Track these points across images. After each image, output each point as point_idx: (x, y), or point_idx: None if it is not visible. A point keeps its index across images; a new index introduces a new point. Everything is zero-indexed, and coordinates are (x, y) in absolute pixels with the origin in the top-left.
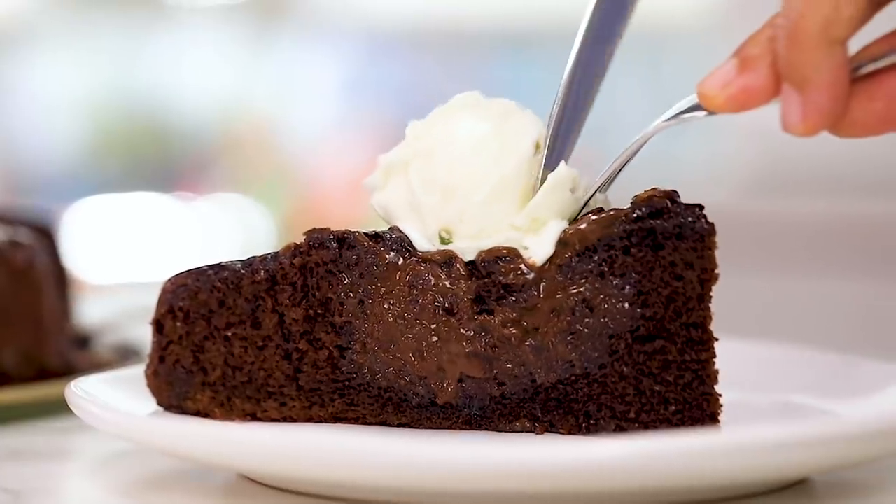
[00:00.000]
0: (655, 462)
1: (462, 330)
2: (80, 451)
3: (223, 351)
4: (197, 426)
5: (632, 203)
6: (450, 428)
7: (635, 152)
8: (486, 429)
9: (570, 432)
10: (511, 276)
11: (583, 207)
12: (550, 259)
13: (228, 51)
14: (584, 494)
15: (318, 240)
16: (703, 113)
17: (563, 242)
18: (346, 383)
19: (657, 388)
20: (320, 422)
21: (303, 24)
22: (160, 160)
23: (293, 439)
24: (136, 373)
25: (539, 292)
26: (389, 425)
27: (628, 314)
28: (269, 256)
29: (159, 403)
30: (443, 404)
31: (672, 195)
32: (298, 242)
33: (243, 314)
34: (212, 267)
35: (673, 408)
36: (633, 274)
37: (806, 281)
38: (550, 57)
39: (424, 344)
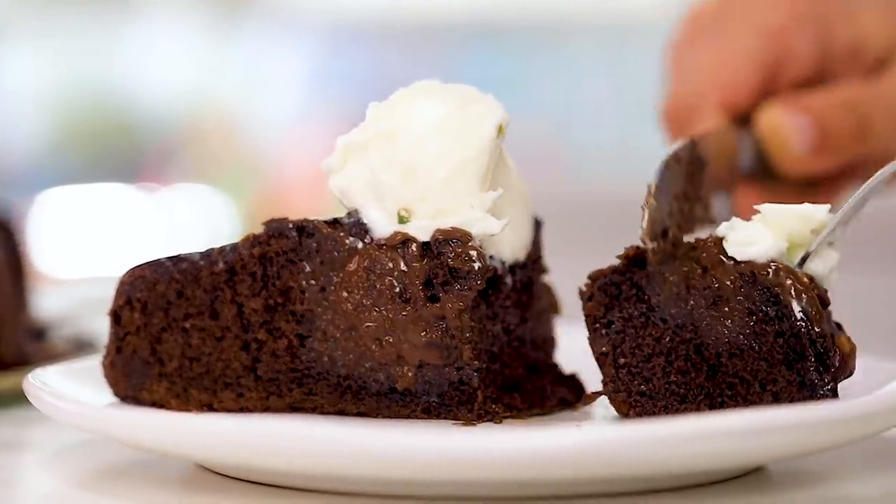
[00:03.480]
0: (611, 450)
1: (419, 319)
2: (37, 442)
3: (181, 342)
4: (154, 416)
5: None
6: (408, 417)
7: (874, 190)
8: (445, 417)
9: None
10: (459, 260)
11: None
12: None
13: (193, 42)
14: (540, 482)
15: (277, 229)
16: None
17: None
18: (305, 372)
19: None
20: (277, 412)
21: (267, 16)
22: (124, 151)
23: (250, 429)
24: (93, 364)
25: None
26: (347, 414)
27: None
28: (228, 247)
29: (116, 394)
30: (402, 391)
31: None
32: (257, 233)
33: (202, 305)
34: (170, 258)
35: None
36: None
37: None
38: (514, 49)
39: (384, 331)
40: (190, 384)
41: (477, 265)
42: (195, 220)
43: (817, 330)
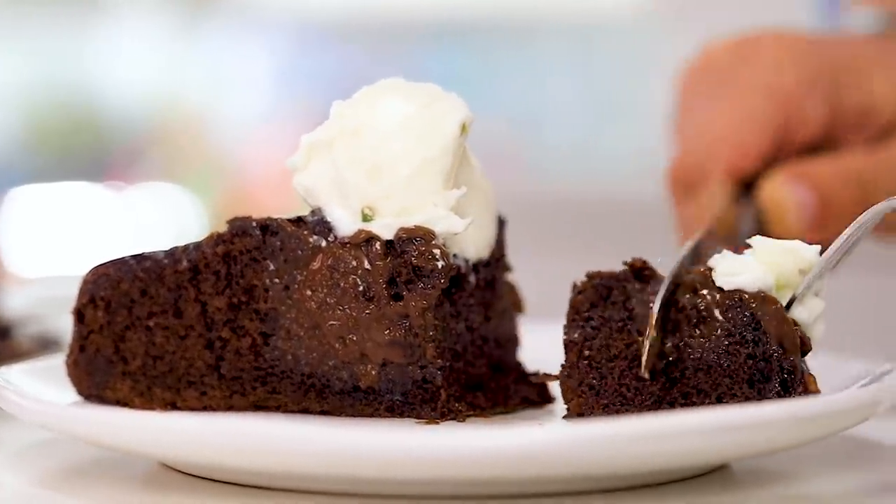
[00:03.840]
0: (574, 449)
1: (383, 317)
2: (1, 440)
3: (144, 340)
4: (117, 415)
5: None
6: (372, 415)
7: (860, 235)
8: (409, 415)
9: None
10: (422, 258)
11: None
12: None
13: (160, 41)
14: (503, 481)
15: (240, 228)
16: None
17: None
18: (269, 371)
19: None
20: (241, 410)
21: (233, 15)
22: (92, 150)
23: (213, 427)
24: (57, 362)
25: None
26: (311, 413)
27: None
28: (192, 246)
29: (79, 393)
30: (365, 389)
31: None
32: (221, 231)
33: (165, 304)
34: (134, 257)
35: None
36: None
37: None
38: (479, 48)
39: (347, 329)
40: (153, 383)
41: (440, 264)
42: (162, 219)
43: (789, 360)
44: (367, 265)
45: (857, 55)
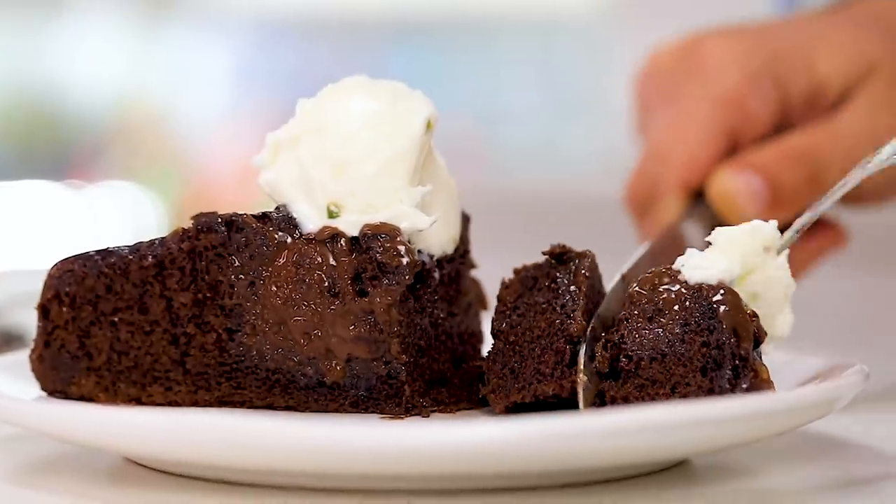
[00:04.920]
0: (536, 444)
1: (348, 313)
2: None
3: (109, 336)
4: (82, 410)
5: None
6: (336, 410)
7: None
8: (373, 411)
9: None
10: (387, 255)
11: None
12: None
13: (119, 39)
14: (466, 476)
15: (206, 223)
16: None
17: None
18: (234, 366)
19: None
20: (206, 406)
21: (194, 12)
22: (52, 148)
23: (177, 423)
24: (21, 358)
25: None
26: (276, 408)
27: None
28: (157, 241)
29: (43, 388)
30: (330, 385)
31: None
32: (186, 227)
33: (130, 299)
34: (99, 252)
35: None
36: None
37: None
38: (441, 46)
39: (312, 325)
40: (118, 378)
41: (405, 260)
42: (123, 217)
43: (742, 348)
44: (332, 261)
45: (798, 38)
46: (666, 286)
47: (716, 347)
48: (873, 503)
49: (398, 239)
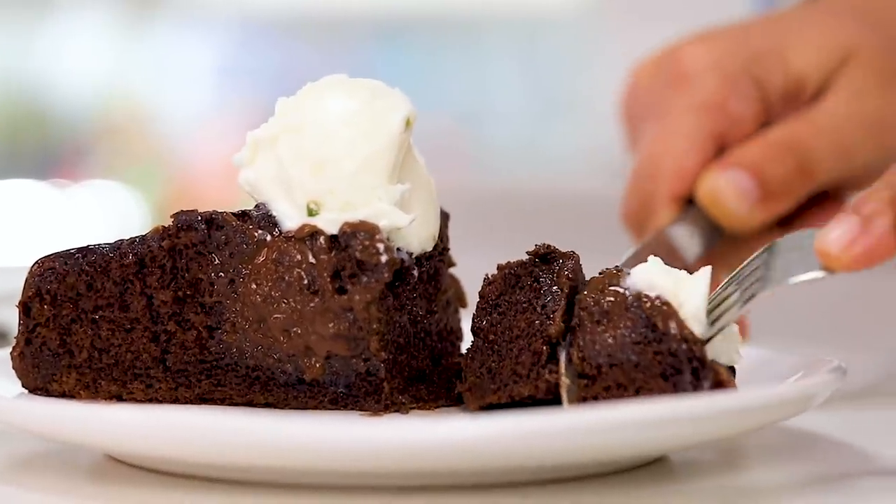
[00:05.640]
0: (514, 441)
1: (327, 311)
2: None
3: (90, 333)
4: (63, 407)
5: None
6: (316, 407)
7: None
8: (352, 408)
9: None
10: (366, 253)
11: None
12: None
13: (104, 37)
14: (445, 472)
15: (186, 221)
16: (820, 274)
17: None
18: (214, 363)
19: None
20: (186, 403)
21: (178, 10)
22: (34, 147)
23: (158, 419)
24: (3, 355)
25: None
26: (256, 405)
27: None
28: (138, 239)
29: (24, 386)
30: (310, 382)
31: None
32: (167, 225)
33: (111, 297)
34: (80, 250)
35: None
36: None
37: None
38: (424, 44)
39: (292, 322)
40: (99, 375)
41: (384, 258)
42: (107, 216)
43: (696, 351)
44: (311, 259)
45: (772, 35)
46: (613, 288)
47: (670, 355)
48: (851, 499)
49: (377, 237)
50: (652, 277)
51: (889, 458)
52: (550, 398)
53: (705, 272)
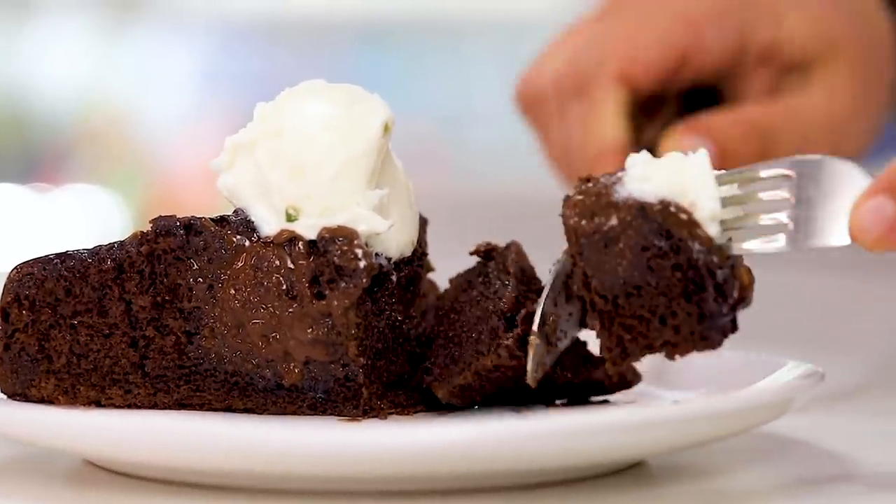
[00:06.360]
0: (494, 446)
1: (305, 316)
2: None
3: (69, 339)
4: (41, 412)
5: None
6: (295, 413)
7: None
8: (331, 413)
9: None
10: (344, 258)
11: None
12: None
13: (84, 42)
14: (424, 477)
15: (164, 227)
16: (849, 242)
17: None
18: (193, 369)
19: None
20: (165, 408)
21: (158, 15)
22: (15, 151)
23: (137, 425)
24: None
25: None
26: (235, 410)
27: None
28: (117, 245)
29: (3, 391)
30: (289, 387)
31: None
32: (145, 230)
33: (90, 302)
34: (58, 255)
35: None
36: None
37: None
38: (405, 48)
39: (271, 328)
40: (78, 381)
41: (362, 263)
42: (87, 220)
43: (716, 259)
44: (290, 264)
45: None
46: (605, 210)
47: (690, 267)
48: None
49: (355, 242)
50: (649, 179)
51: (866, 463)
52: (515, 365)
53: (702, 160)
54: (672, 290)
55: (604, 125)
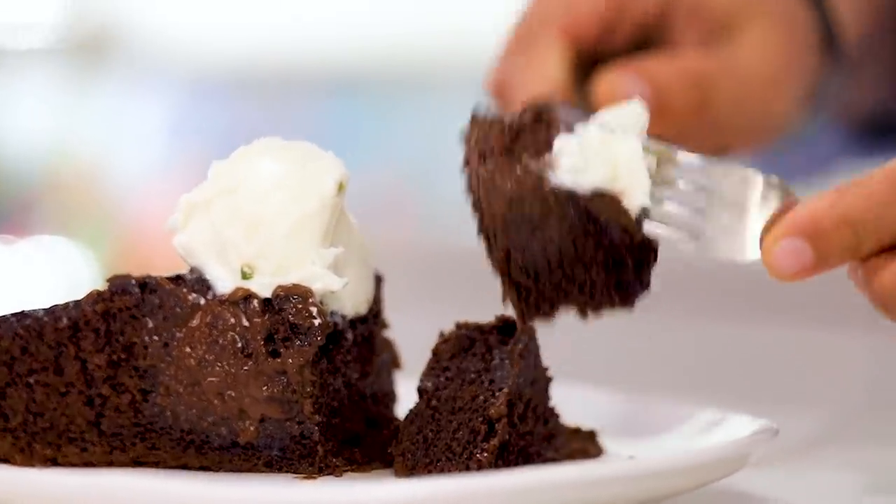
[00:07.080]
0: (447, 502)
1: (261, 374)
2: None
3: (25, 397)
4: None
5: None
6: (250, 470)
7: None
8: (287, 470)
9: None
10: (299, 316)
11: None
12: None
13: (51, 94)
14: None
15: (120, 285)
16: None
17: None
18: (148, 427)
19: None
20: (121, 466)
21: (126, 68)
22: None
23: (92, 482)
24: None
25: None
26: (190, 468)
27: None
28: (72, 303)
29: None
30: (244, 445)
31: None
32: (101, 289)
33: (46, 361)
34: (14, 314)
35: None
36: None
37: None
38: (374, 101)
39: (226, 385)
40: (34, 439)
41: (317, 321)
42: (54, 272)
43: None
44: (245, 322)
45: None
46: (533, 198)
47: (612, 247)
48: None
49: (310, 300)
50: (581, 169)
51: None
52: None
53: (635, 146)
54: (594, 264)
55: (546, 68)
